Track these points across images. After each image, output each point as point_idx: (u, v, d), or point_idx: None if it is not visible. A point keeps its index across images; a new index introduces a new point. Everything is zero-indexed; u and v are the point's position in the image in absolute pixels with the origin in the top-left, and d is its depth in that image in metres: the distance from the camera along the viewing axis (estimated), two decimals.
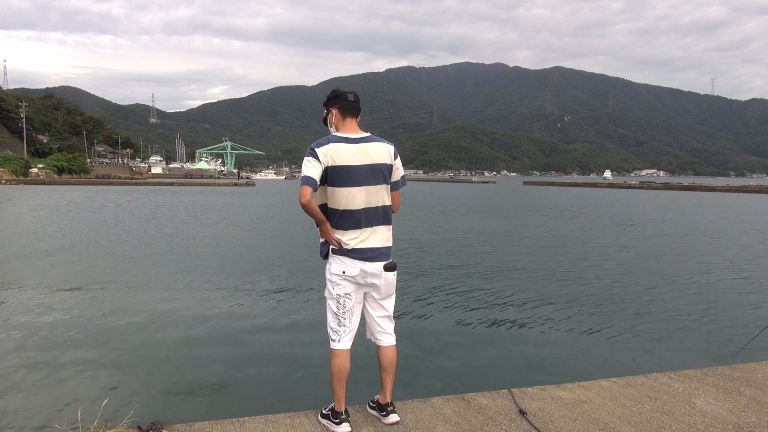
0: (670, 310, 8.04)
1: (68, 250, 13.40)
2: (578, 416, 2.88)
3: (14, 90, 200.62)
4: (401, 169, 2.81)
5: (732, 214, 29.94)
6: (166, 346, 6.14)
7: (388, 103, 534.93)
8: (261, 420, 2.78)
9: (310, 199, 2.55)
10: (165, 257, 12.55)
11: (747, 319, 7.54)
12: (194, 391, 4.96)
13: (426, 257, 12.85)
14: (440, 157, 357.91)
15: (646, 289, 9.51)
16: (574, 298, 8.68)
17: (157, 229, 18.52)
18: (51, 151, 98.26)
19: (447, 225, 21.47)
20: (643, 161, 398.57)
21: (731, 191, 68.94)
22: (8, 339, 6.32)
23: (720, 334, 6.84)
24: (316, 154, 2.60)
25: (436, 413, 2.89)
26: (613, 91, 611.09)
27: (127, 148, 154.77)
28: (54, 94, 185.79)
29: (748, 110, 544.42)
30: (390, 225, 2.80)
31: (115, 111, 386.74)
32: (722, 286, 9.83)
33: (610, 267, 11.81)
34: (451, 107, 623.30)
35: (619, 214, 28.84)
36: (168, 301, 8.23)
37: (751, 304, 8.46)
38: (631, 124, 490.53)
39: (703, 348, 6.34)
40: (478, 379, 5.24)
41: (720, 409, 3.00)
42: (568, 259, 12.96)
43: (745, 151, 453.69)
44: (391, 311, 2.83)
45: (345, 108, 2.72)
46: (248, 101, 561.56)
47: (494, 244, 15.71)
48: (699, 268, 11.76)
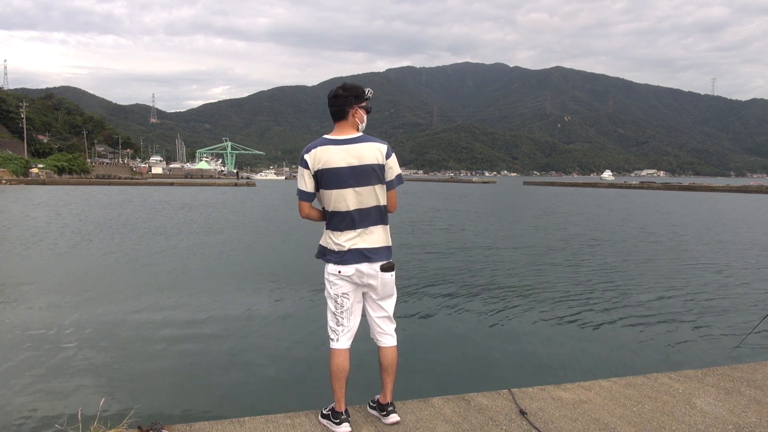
0: (670, 309, 8.03)
1: (69, 250, 13.40)
2: (578, 416, 2.88)
3: (15, 90, 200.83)
4: (396, 168, 2.74)
5: (730, 213, 29.95)
6: (167, 347, 6.14)
7: (388, 103, 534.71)
8: (261, 420, 2.78)
9: (308, 213, 2.77)
10: (165, 258, 12.55)
11: (746, 314, 7.56)
12: (194, 391, 4.96)
13: (426, 257, 12.85)
14: (440, 157, 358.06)
15: (646, 289, 9.50)
16: (574, 299, 8.68)
17: (157, 229, 18.52)
18: (51, 151, 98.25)
19: (447, 225, 21.46)
20: (643, 161, 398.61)
21: (731, 191, 68.95)
22: (8, 339, 6.32)
23: (720, 332, 6.84)
24: (305, 161, 2.66)
25: (436, 413, 2.88)
26: (614, 91, 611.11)
27: (127, 148, 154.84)
28: (54, 94, 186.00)
29: (749, 110, 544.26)
30: (386, 225, 2.77)
31: (115, 111, 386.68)
32: (722, 286, 9.83)
33: (610, 267, 11.81)
34: (451, 107, 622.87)
35: (619, 215, 28.84)
36: (168, 301, 8.23)
37: (749, 300, 8.46)
38: (631, 124, 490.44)
39: (703, 347, 6.34)
40: (478, 379, 5.24)
41: (720, 409, 3.00)
42: (568, 259, 12.96)
43: (746, 151, 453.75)
44: (390, 312, 2.82)
45: (331, 111, 2.72)
46: (248, 101, 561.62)
47: (494, 244, 15.71)
48: (699, 268, 11.75)
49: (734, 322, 7.35)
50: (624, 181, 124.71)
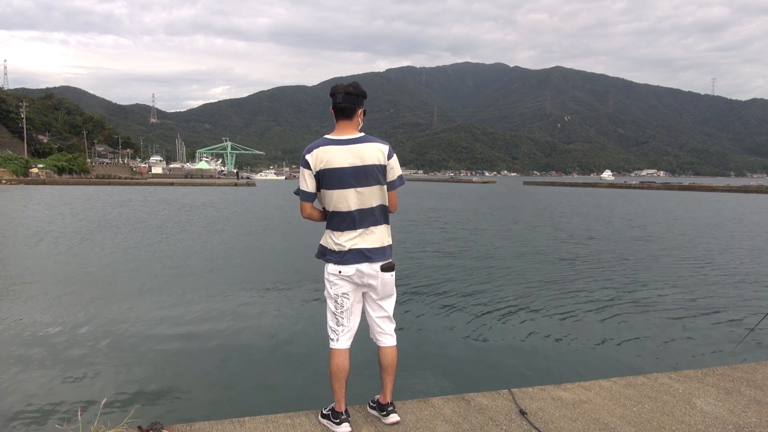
0: (670, 309, 8.03)
1: (69, 249, 13.40)
2: (578, 416, 2.88)
3: (15, 90, 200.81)
4: (397, 168, 2.73)
5: (730, 213, 29.95)
6: (167, 347, 6.14)
7: (388, 103, 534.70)
8: (261, 420, 2.78)
9: (309, 213, 2.77)
10: (165, 257, 12.54)
11: (746, 313, 7.56)
12: (194, 391, 4.96)
13: (426, 257, 12.85)
14: (440, 157, 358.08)
15: (646, 288, 9.50)
16: (575, 298, 8.68)
17: (157, 229, 18.52)
18: (51, 151, 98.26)
19: (446, 225, 21.46)
20: (643, 161, 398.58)
21: (731, 191, 68.94)
22: (8, 339, 6.32)
23: (720, 332, 6.84)
24: (307, 162, 2.65)
25: (436, 413, 2.88)
26: (614, 91, 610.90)
27: (127, 148, 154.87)
28: (54, 94, 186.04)
29: (749, 110, 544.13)
30: (387, 225, 2.77)
31: (115, 111, 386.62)
32: (722, 285, 9.83)
33: (610, 267, 11.81)
34: (451, 107, 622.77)
35: (618, 215, 28.83)
36: (168, 301, 8.23)
37: (749, 300, 8.46)
38: (631, 124, 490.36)
39: (703, 347, 6.33)
40: (478, 379, 5.24)
41: (720, 409, 3.00)
42: (568, 259, 12.96)
43: (745, 151, 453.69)
44: (390, 312, 2.82)
45: (335, 109, 2.68)
46: (248, 101, 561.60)
47: (494, 243, 15.71)
48: (698, 268, 11.75)
49: (734, 322, 7.35)
50: (624, 181, 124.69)
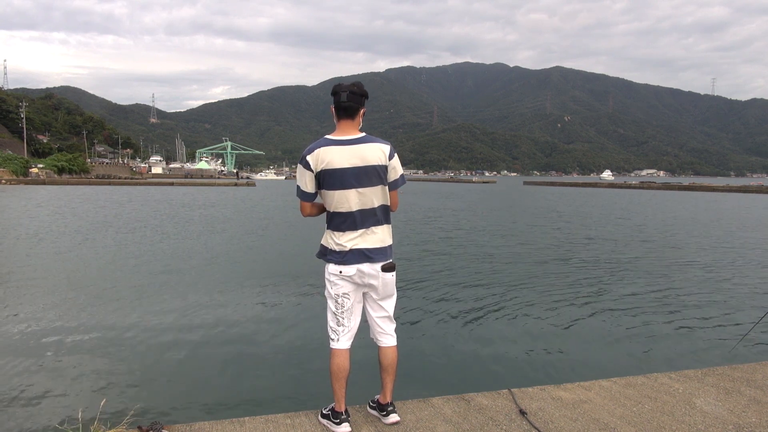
0: (670, 309, 8.04)
1: (69, 249, 13.40)
2: (578, 416, 2.88)
3: (15, 90, 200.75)
4: (399, 168, 2.73)
5: (730, 213, 29.95)
6: (167, 347, 6.14)
7: (388, 103, 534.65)
8: (261, 420, 2.78)
9: (309, 212, 2.81)
10: (165, 257, 12.55)
11: (746, 313, 7.56)
12: (194, 391, 4.95)
13: (426, 257, 12.85)
14: (440, 157, 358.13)
15: (646, 288, 9.50)
16: (574, 298, 8.68)
17: (157, 228, 18.52)
18: (51, 151, 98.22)
19: (446, 225, 21.47)
20: (643, 161, 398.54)
21: (731, 191, 68.95)
22: (8, 338, 6.32)
23: (720, 332, 6.85)
24: (307, 162, 2.64)
25: (436, 413, 2.88)
26: (614, 91, 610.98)
27: (127, 148, 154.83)
28: (54, 94, 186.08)
29: (749, 110, 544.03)
30: (389, 225, 2.77)
31: (115, 111, 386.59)
32: (722, 284, 9.83)
33: (610, 267, 11.81)
34: (451, 107, 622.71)
35: (618, 215, 28.83)
36: (168, 301, 8.23)
37: (749, 300, 8.46)
38: (631, 124, 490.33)
39: (703, 347, 6.34)
40: (478, 379, 5.23)
41: (720, 409, 3.00)
42: (568, 260, 12.96)
43: (745, 151, 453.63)
44: (390, 312, 2.82)
45: (338, 108, 2.66)
46: (248, 101, 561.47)
47: (494, 243, 15.71)
48: (698, 268, 11.75)
49: (734, 322, 7.35)
50: (624, 181, 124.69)
